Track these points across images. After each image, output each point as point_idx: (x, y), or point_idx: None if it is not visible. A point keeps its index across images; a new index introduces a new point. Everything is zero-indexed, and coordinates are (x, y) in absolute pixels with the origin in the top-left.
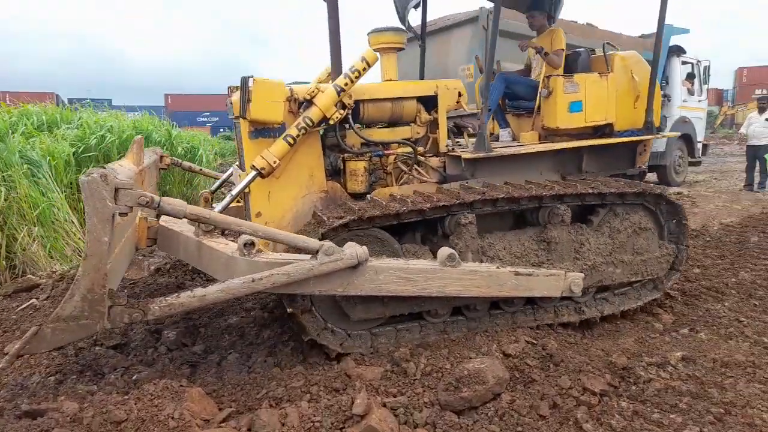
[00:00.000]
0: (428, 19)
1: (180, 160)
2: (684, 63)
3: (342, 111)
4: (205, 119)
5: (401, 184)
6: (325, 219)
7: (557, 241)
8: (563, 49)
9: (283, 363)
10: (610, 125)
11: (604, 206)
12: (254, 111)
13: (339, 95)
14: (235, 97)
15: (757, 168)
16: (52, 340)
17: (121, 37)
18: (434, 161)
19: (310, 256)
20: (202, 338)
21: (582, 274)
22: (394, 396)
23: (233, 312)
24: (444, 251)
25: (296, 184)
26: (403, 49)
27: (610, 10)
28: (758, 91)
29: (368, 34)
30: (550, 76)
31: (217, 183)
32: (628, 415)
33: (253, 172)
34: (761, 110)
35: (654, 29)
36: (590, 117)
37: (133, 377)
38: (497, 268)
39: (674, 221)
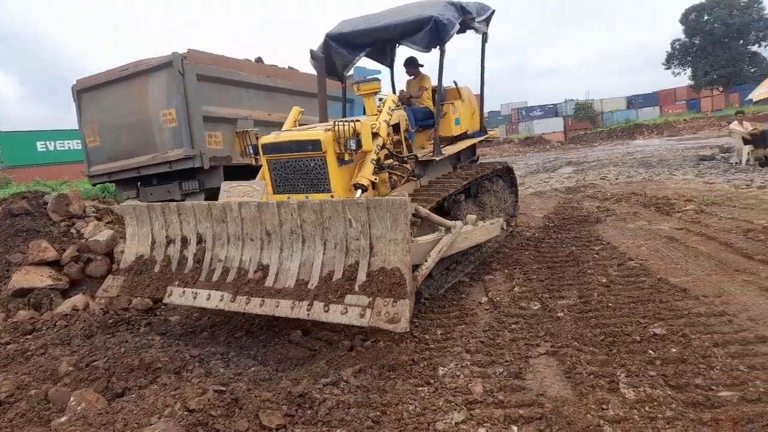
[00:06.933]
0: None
1: None
2: (380, 99)
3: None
4: None
5: (394, 186)
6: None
7: (486, 203)
8: (428, 89)
9: None
10: (466, 131)
11: (488, 179)
12: (364, 144)
13: (388, 126)
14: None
15: None
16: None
17: None
18: (410, 165)
19: (444, 231)
20: None
21: (502, 218)
22: None
23: None
24: (472, 217)
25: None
26: (378, 92)
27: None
28: None
29: (355, 83)
30: (444, 103)
31: None
32: None
33: (360, 190)
34: None
35: None
36: (463, 127)
37: None
38: (485, 222)
39: (512, 182)
